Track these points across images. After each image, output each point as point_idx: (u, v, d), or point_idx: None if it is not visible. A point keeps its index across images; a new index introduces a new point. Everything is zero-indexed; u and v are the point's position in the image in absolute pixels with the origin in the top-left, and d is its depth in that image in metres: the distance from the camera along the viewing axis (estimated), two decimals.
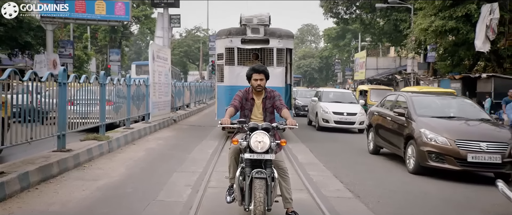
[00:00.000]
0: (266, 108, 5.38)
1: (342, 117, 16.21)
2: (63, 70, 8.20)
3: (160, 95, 15.00)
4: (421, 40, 25.38)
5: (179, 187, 6.92)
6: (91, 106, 9.91)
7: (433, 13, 22.47)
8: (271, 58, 12.60)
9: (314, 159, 10.24)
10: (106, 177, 7.35)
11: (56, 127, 8.06)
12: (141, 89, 13.82)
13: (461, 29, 21.66)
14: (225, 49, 12.86)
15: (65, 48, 32.03)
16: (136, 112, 13.36)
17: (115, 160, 8.91)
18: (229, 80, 12.67)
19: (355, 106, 17.16)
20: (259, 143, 4.73)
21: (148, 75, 14.47)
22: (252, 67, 5.36)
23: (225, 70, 12.93)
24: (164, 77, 15.58)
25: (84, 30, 39.91)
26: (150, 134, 12.95)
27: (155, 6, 25.29)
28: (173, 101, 18.18)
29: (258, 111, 5.40)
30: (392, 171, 9.40)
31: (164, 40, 20.47)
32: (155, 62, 14.29)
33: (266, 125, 4.93)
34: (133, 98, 12.84)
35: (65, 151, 8.02)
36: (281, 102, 5.38)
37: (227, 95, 11.77)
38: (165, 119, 15.56)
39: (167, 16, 21.06)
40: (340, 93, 20.57)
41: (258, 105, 5.39)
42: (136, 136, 11.79)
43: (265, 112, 5.39)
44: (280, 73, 12.73)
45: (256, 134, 4.76)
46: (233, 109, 5.24)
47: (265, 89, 5.40)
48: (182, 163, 8.83)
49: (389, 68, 39.82)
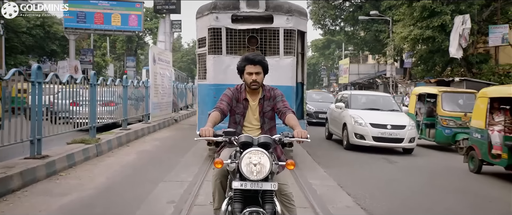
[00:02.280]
0: (265, 113, 3.22)
1: (385, 131, 9.33)
2: (37, 67, 5.99)
3: (162, 96, 12.82)
4: (399, 48, 24.10)
5: (160, 204, 4.74)
6: (81, 107, 7.76)
7: (411, 23, 21.32)
8: (276, 44, 7.14)
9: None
10: (78, 191, 5.16)
11: (28, 131, 5.88)
12: (140, 90, 11.62)
13: (437, 37, 20.40)
14: (208, 31, 7.16)
15: (86, 55, 30.33)
16: (134, 113, 11.16)
17: (100, 166, 6.72)
18: (215, 76, 7.15)
19: (400, 116, 10.16)
20: (255, 166, 2.58)
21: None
22: (245, 56, 3.16)
23: (209, 62, 7.26)
24: (167, 79, 13.40)
25: (104, 40, 37.72)
26: (148, 135, 10.74)
27: (157, 12, 23.23)
28: (176, 102, 15.98)
29: (253, 116, 3.23)
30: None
31: (166, 44, 18.34)
32: (156, 64, 12.13)
33: (265, 138, 2.76)
34: (131, 99, 10.64)
35: (39, 158, 5.83)
36: (285, 104, 3.20)
37: (212, 98, 6.91)
38: (166, 119, 13.35)
39: (169, 22, 18.88)
40: (376, 97, 11.87)
41: (254, 109, 3.23)
42: (132, 137, 9.60)
43: (263, 118, 3.23)
44: (288, 66, 7.17)
45: (251, 152, 2.61)
46: (219, 114, 3.06)
47: (263, 87, 3.24)
48: (172, 169, 6.64)
49: (369, 74, 37.75)
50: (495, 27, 20.95)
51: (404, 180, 7.00)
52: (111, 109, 9.43)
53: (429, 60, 23.42)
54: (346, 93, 12.15)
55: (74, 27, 26.87)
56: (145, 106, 12.03)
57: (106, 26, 27.06)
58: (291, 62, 7.22)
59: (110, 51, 38.81)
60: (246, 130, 3.21)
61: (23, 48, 29.41)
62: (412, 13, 20.95)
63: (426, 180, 7.11)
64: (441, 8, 19.88)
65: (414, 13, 20.66)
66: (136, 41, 40.49)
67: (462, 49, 20.14)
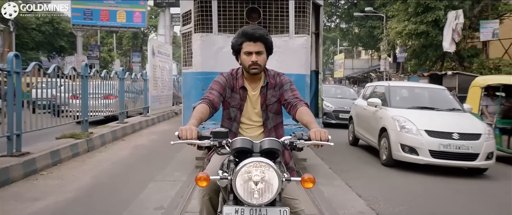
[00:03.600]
0: (268, 105, 2.22)
1: (450, 143, 5.66)
2: (15, 55, 4.99)
3: (162, 89, 11.83)
4: (393, 43, 23.30)
5: (146, 212, 3.77)
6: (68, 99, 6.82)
7: (406, 18, 20.47)
8: (285, 19, 5.05)
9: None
10: (55, 194, 4.20)
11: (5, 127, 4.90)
12: (138, 83, 10.62)
13: (431, 32, 19.61)
14: (194, 2, 5.08)
15: (92, 51, 29.50)
16: (132, 106, 10.17)
17: (88, 163, 5.75)
18: (203, 61, 5.06)
19: (468, 118, 6.43)
20: (256, 185, 1.60)
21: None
22: (241, 31, 2.12)
23: (195, 43, 5.14)
24: (166, 72, 12.39)
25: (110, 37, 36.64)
26: (146, 128, 9.76)
27: (158, 6, 22.19)
28: (177, 95, 14.97)
29: (253, 110, 2.23)
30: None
31: (166, 38, 17.28)
32: (156, 57, 11.11)
33: (271, 143, 1.73)
34: (129, 92, 9.65)
35: (17, 156, 4.87)
36: (295, 94, 2.19)
37: (199, 90, 4.95)
38: (166, 112, 12.36)
39: (169, 15, 17.80)
40: (428, 90, 7.75)
41: (254, 100, 2.22)
42: (129, 131, 8.62)
43: (266, 112, 2.22)
44: (301, 47, 5.06)
45: (250, 165, 1.63)
46: (207, 108, 2.05)
47: (266, 72, 2.24)
48: (166, 166, 5.67)
49: (362, 68, 36.63)
50: (486, 22, 20.28)
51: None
52: (110, 102, 8.47)
53: (422, 55, 22.62)
54: (382, 84, 8.19)
55: (81, 24, 26.26)
56: (144, 99, 11.03)
57: (111, 22, 26.35)
58: (304, 42, 4.93)
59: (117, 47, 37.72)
60: (244, 129, 2.24)
61: (33, 44, 28.77)
62: (407, 9, 20.28)
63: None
64: (435, 3, 19.14)
65: (409, 8, 19.99)
66: (141, 38, 39.37)
67: (455, 44, 19.60)
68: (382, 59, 26.73)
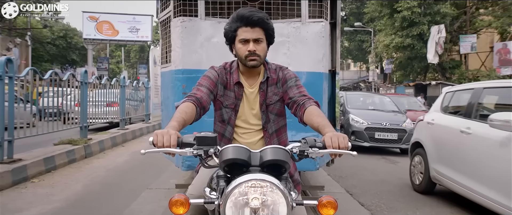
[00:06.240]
0: (269, 105, 1.64)
1: None
2: (6, 59, 4.42)
3: None
4: (381, 55, 23.09)
5: None
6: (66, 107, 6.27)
7: (393, 32, 20.20)
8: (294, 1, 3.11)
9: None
10: (41, 204, 3.59)
11: None
12: (140, 91, 10.05)
13: (416, 45, 19.59)
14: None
15: (102, 63, 29.10)
16: (133, 113, 9.58)
17: (83, 170, 5.15)
18: (185, 55, 3.08)
19: None
20: (255, 214, 1.03)
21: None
22: (236, 14, 1.55)
23: (175, 31, 3.13)
24: None
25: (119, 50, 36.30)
26: (146, 134, 9.15)
27: None
28: None
29: (251, 111, 1.65)
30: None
31: None
32: (157, 66, 10.55)
33: (275, 152, 1.13)
34: (131, 99, 9.07)
35: (7, 163, 4.27)
36: (302, 91, 1.57)
37: (179, 93, 3.08)
38: None
39: None
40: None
41: (252, 99, 1.65)
42: (129, 137, 8.02)
43: (266, 113, 1.64)
44: (318, 36, 3.08)
45: (247, 184, 1.04)
46: (193, 107, 1.44)
47: (266, 65, 1.67)
48: (163, 173, 5.08)
49: (352, 79, 36.23)
50: (465, 36, 20.13)
51: None
52: (113, 110, 7.91)
53: (407, 66, 22.36)
54: (478, 85, 3.93)
55: (91, 38, 25.85)
56: (145, 106, 10.44)
57: (120, 37, 25.79)
58: (321, 29, 3.12)
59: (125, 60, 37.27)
60: (240, 134, 1.67)
61: (48, 57, 28.50)
62: (393, 23, 20.10)
63: None
64: (419, 18, 18.90)
65: (396, 23, 19.79)
66: (147, 51, 39.11)
67: (438, 56, 19.42)
68: (370, 70, 26.39)
